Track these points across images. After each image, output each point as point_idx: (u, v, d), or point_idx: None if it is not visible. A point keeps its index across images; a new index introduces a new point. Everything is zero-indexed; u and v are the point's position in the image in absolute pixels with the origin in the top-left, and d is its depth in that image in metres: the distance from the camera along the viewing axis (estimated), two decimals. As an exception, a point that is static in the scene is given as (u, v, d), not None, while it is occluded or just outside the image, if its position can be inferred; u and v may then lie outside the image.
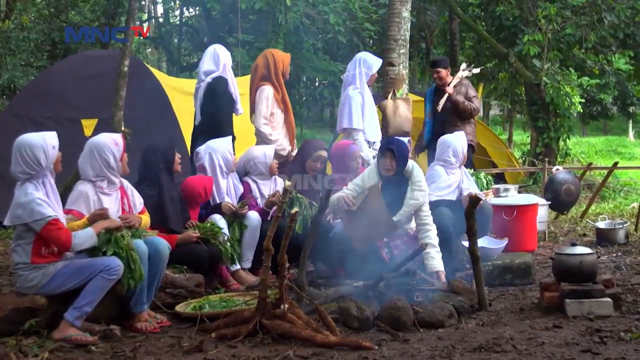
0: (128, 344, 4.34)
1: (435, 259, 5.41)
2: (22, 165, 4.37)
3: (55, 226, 4.30)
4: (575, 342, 4.15)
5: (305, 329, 4.27)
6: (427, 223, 5.60)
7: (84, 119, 9.23)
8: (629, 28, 13.51)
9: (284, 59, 6.99)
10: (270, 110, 6.75)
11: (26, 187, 4.35)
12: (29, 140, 4.44)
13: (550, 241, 7.81)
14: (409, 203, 5.64)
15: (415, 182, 5.67)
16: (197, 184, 5.76)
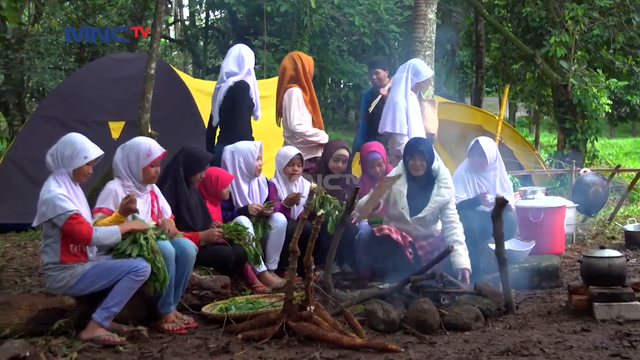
0: (155, 345, 4.37)
1: (462, 256, 5.39)
2: (53, 152, 4.54)
3: (76, 220, 4.35)
4: (604, 346, 4.10)
5: (331, 331, 4.27)
6: (454, 221, 5.60)
7: (112, 121, 9.35)
8: (658, 28, 13.38)
9: (309, 62, 7.06)
10: (301, 112, 6.80)
11: (49, 184, 4.44)
12: (74, 137, 4.60)
13: (578, 244, 7.71)
14: (435, 200, 5.66)
15: (442, 180, 5.71)
16: (212, 172, 5.78)
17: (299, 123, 6.77)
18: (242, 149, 6.14)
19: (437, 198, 5.67)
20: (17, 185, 9.06)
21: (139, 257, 4.48)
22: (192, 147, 5.74)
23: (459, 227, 5.58)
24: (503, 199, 5.01)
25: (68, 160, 4.49)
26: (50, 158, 4.53)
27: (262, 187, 6.26)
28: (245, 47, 6.94)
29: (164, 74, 9.40)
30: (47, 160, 4.53)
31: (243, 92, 6.63)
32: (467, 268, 5.36)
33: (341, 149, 6.60)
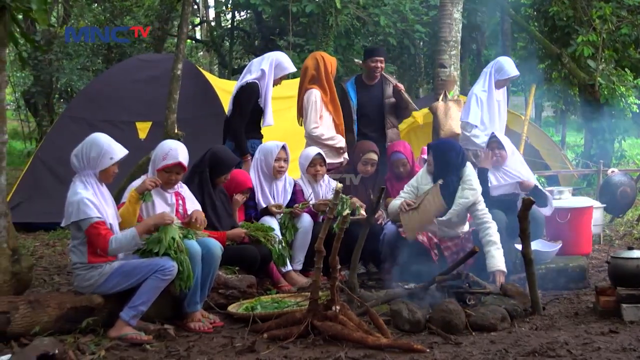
0: (182, 344, 4.40)
1: (495, 257, 5.38)
2: (78, 153, 4.58)
3: (96, 230, 4.40)
4: (632, 347, 4.08)
5: (357, 331, 4.27)
6: (486, 221, 5.60)
7: (139, 121, 9.43)
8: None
9: (332, 62, 7.05)
10: (319, 114, 6.80)
11: (76, 185, 4.50)
12: (99, 137, 4.63)
13: (606, 245, 7.67)
14: (459, 202, 5.66)
15: (466, 181, 5.70)
16: (234, 175, 5.81)
17: (315, 126, 6.77)
18: (265, 148, 6.18)
19: (461, 200, 5.66)
20: (46, 185, 9.18)
21: (166, 256, 4.51)
22: (219, 150, 5.78)
23: (492, 226, 5.56)
24: (530, 200, 4.99)
25: (94, 161, 4.54)
26: (76, 159, 4.58)
27: (287, 188, 6.26)
28: (279, 54, 6.88)
29: (190, 75, 9.47)
30: (72, 161, 4.59)
31: (248, 94, 6.57)
32: (500, 270, 5.36)
33: (370, 152, 6.56)
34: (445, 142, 6.16)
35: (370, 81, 7.25)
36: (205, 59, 27.56)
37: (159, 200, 4.96)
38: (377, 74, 7.23)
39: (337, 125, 6.93)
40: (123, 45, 15.69)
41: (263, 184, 6.15)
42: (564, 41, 13.27)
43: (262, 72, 6.58)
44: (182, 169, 5.01)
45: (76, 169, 4.58)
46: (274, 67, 6.64)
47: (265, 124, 6.65)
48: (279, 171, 6.14)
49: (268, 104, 6.60)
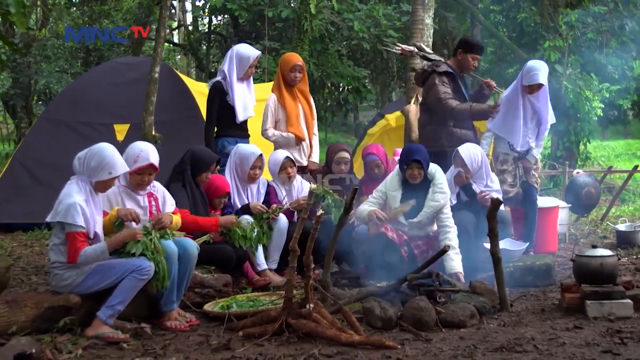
0: (158, 342, 4.42)
1: (454, 260, 5.50)
2: (82, 156, 4.59)
3: (74, 239, 4.41)
4: (595, 342, 4.15)
5: (330, 328, 4.32)
6: (448, 225, 5.70)
7: (117, 124, 9.44)
8: (650, 32, 13.48)
9: (285, 62, 7.03)
10: (274, 117, 6.89)
11: (72, 187, 4.51)
12: (104, 149, 4.62)
13: (571, 243, 7.77)
14: (430, 204, 5.76)
15: (437, 185, 5.79)
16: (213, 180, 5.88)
17: (264, 129, 6.89)
18: (242, 153, 6.21)
19: (432, 203, 5.76)
20: (24, 186, 9.17)
21: (142, 256, 4.55)
22: (197, 148, 5.88)
23: (452, 230, 5.68)
24: (498, 200, 5.09)
25: (92, 171, 4.55)
26: (77, 162, 4.59)
27: (260, 190, 6.33)
28: (237, 48, 6.93)
29: (167, 78, 9.51)
30: (74, 162, 4.60)
31: (211, 95, 6.74)
32: (459, 272, 5.47)
33: (341, 151, 6.65)
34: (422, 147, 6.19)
35: (460, 73, 7.13)
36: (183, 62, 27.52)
37: (131, 203, 4.98)
38: (470, 71, 7.18)
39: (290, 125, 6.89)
40: (101, 48, 15.66)
41: (239, 185, 6.23)
42: (531, 46, 13.50)
43: (223, 72, 6.72)
44: (154, 169, 5.01)
45: (76, 171, 4.60)
46: (238, 62, 6.73)
47: (238, 120, 6.70)
48: (253, 178, 6.22)
49: (236, 100, 6.67)
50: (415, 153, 5.84)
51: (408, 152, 5.92)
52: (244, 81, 6.81)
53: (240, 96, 6.70)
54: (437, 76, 6.94)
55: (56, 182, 4.69)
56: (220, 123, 6.70)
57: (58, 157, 8.47)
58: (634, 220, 9.27)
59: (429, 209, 5.77)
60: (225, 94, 6.67)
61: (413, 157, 5.79)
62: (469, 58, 6.98)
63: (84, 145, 4.75)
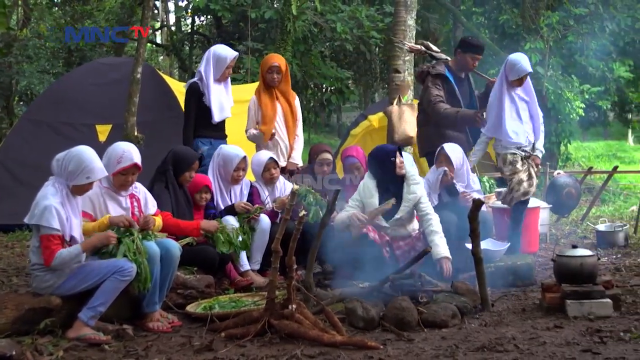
0: (140, 343, 4.41)
1: (440, 245, 5.52)
2: (60, 159, 4.55)
3: (48, 241, 4.38)
4: (575, 342, 4.18)
5: (313, 329, 4.33)
6: (428, 212, 5.76)
7: (99, 124, 9.40)
8: (629, 36, 13.61)
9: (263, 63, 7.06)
10: (255, 119, 6.93)
11: (49, 189, 4.48)
12: (83, 153, 4.58)
13: (552, 243, 7.84)
14: (408, 198, 5.81)
15: (410, 178, 5.87)
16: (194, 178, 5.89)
17: (246, 130, 6.94)
18: (226, 155, 6.20)
19: (410, 196, 5.81)
20: (5, 187, 9.11)
21: (124, 257, 4.53)
22: (179, 148, 5.90)
23: (434, 217, 5.72)
24: (480, 200, 5.13)
25: (70, 175, 4.51)
26: (56, 164, 4.56)
27: (243, 191, 6.33)
28: (214, 49, 6.93)
29: (150, 78, 9.48)
30: (52, 163, 4.56)
31: (188, 96, 6.76)
32: (445, 256, 5.49)
33: (323, 153, 6.67)
34: (381, 148, 6.17)
35: (460, 73, 7.05)
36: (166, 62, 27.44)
37: (113, 204, 4.96)
38: (471, 70, 7.07)
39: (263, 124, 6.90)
40: (83, 48, 15.59)
41: (222, 186, 6.23)
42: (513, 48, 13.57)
43: (200, 73, 6.74)
44: (137, 169, 4.99)
45: (54, 172, 4.57)
46: (215, 63, 6.74)
47: (214, 121, 6.70)
48: (237, 179, 6.22)
49: (213, 101, 6.68)
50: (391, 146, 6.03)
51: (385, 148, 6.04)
52: (221, 82, 6.81)
53: (216, 97, 6.71)
54: (430, 78, 6.95)
55: (38, 183, 4.65)
56: (196, 123, 6.70)
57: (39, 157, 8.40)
58: (614, 220, 9.37)
59: (407, 202, 5.82)
60: (202, 94, 6.69)
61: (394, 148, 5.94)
62: (468, 58, 6.95)
63: (66, 145, 4.73)
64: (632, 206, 11.22)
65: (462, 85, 7.00)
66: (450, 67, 7.01)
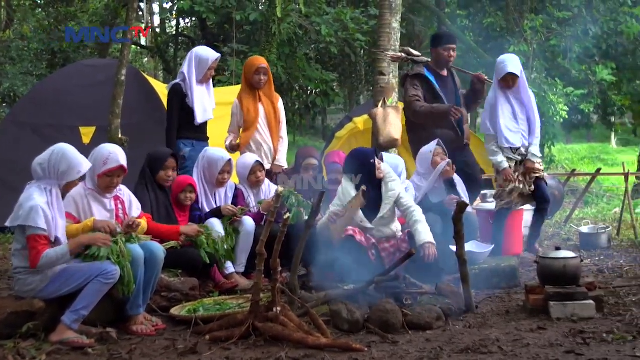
0: (124, 347, 4.39)
1: (422, 232, 5.54)
2: (44, 162, 4.52)
3: (35, 242, 4.36)
4: (559, 343, 4.21)
5: (297, 332, 4.33)
6: (410, 205, 5.81)
7: (82, 126, 9.34)
8: (611, 38, 13.72)
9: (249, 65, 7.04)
10: (237, 124, 6.95)
11: (32, 191, 4.45)
12: (67, 150, 4.58)
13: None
14: (388, 196, 5.85)
15: (387, 176, 5.91)
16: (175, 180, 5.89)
17: (228, 132, 6.94)
18: (211, 157, 6.19)
19: (390, 193, 5.85)
20: (-12, 188, 9.03)
21: (107, 260, 4.51)
22: (153, 149, 5.89)
23: (416, 209, 5.77)
24: (464, 202, 5.15)
25: (63, 174, 4.51)
26: (40, 168, 4.52)
27: (228, 194, 6.32)
28: (196, 50, 6.93)
29: (134, 80, 9.45)
30: (35, 169, 4.52)
31: (170, 97, 6.75)
32: (428, 242, 5.51)
33: (309, 158, 6.67)
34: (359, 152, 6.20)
35: (441, 71, 6.98)
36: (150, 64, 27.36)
37: (97, 206, 4.94)
38: (450, 63, 6.97)
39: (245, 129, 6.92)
40: (67, 50, 15.51)
41: (206, 188, 6.21)
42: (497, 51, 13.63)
43: (183, 74, 6.73)
44: (123, 171, 4.99)
45: (38, 177, 4.53)
46: (198, 64, 6.73)
47: (196, 122, 6.69)
48: (222, 182, 6.21)
49: (196, 102, 6.67)
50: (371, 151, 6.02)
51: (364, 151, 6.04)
52: (203, 83, 6.80)
53: (199, 98, 6.71)
54: (409, 80, 6.96)
55: (21, 185, 4.63)
56: (179, 125, 6.69)
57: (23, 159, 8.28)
58: (597, 222, 9.43)
59: (388, 199, 5.85)
60: (185, 96, 6.68)
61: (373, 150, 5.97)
62: (441, 51, 6.92)
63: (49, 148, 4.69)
64: (615, 208, 11.29)
65: (445, 83, 6.97)
66: (431, 67, 7.00)
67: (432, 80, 6.88)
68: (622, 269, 6.64)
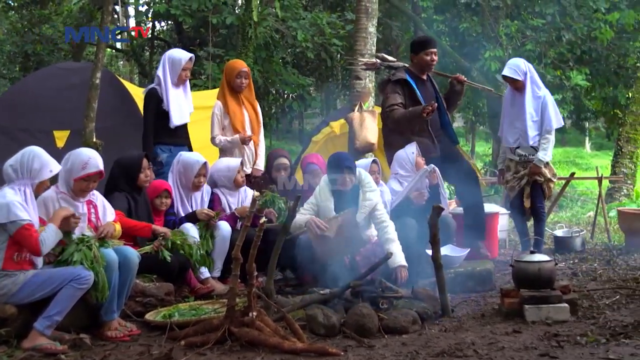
0: (98, 353, 4.36)
1: (396, 254, 5.49)
2: (15, 163, 4.50)
3: (28, 231, 4.36)
4: (533, 346, 4.23)
5: (273, 336, 4.32)
6: (384, 220, 5.78)
7: (56, 130, 9.23)
8: (585, 44, 13.87)
9: (231, 68, 7.04)
10: (220, 125, 6.90)
11: (5, 191, 4.42)
12: (37, 150, 4.59)
13: (511, 249, 7.91)
14: (364, 205, 5.82)
15: (365, 185, 5.89)
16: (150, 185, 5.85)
17: (212, 137, 6.91)
18: (187, 162, 6.18)
19: (366, 203, 5.82)
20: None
21: (81, 265, 4.48)
22: (120, 158, 5.79)
23: (390, 225, 5.74)
24: (440, 207, 5.17)
25: (36, 173, 4.51)
26: (12, 170, 4.49)
27: (204, 198, 6.30)
28: (169, 53, 6.90)
29: (109, 84, 9.36)
30: (6, 172, 4.50)
31: (146, 102, 6.72)
32: (402, 265, 5.48)
33: (279, 157, 6.68)
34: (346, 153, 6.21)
35: (422, 75, 6.95)
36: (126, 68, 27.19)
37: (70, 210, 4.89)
38: (432, 68, 6.94)
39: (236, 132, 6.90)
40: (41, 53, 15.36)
41: (182, 193, 6.18)
42: (473, 56, 13.76)
43: (158, 78, 6.69)
44: (100, 176, 5.00)
45: (10, 179, 4.49)
46: (171, 66, 6.70)
47: (172, 125, 6.64)
48: (197, 186, 6.19)
49: (171, 105, 6.63)
50: (345, 160, 5.94)
51: (338, 160, 5.94)
52: (179, 86, 6.77)
53: (175, 101, 6.68)
54: (390, 85, 6.92)
55: (-6, 189, 4.57)
56: (156, 130, 6.64)
57: (-5, 163, 8.27)
58: (571, 226, 9.55)
59: (364, 208, 5.83)
60: (161, 100, 6.64)
61: (344, 164, 5.86)
62: (423, 56, 6.86)
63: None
64: (589, 212, 11.44)
65: (424, 87, 6.95)
66: (411, 71, 6.97)
67: (413, 86, 6.87)
68: (595, 272, 6.71)
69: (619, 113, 14.48)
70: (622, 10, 13.94)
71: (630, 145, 13.27)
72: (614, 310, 5.13)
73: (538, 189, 7.05)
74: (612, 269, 6.84)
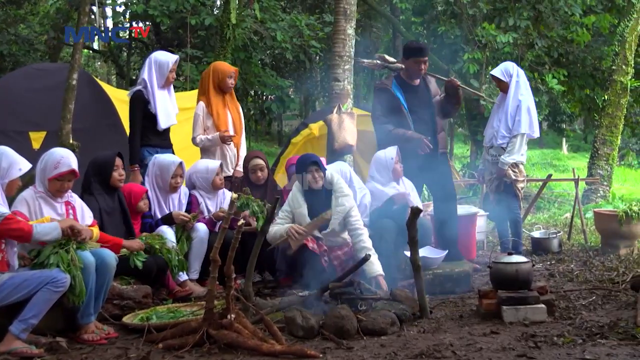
0: (75, 356, 4.33)
1: (373, 262, 5.49)
2: None
3: (12, 220, 4.35)
4: (511, 347, 4.26)
5: (252, 339, 4.31)
6: (359, 227, 5.77)
7: (32, 131, 9.16)
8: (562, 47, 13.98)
9: (222, 70, 7.02)
10: (202, 125, 6.87)
11: None
12: (5, 149, 4.59)
13: (489, 250, 7.99)
14: (337, 210, 5.82)
15: (338, 190, 5.88)
16: (125, 188, 5.81)
17: (193, 136, 6.90)
18: (162, 163, 6.16)
19: (339, 208, 5.82)
20: None
21: (57, 268, 4.43)
22: (93, 158, 5.73)
23: (364, 232, 5.74)
24: (418, 208, 5.18)
25: (4, 171, 4.50)
26: None
27: (181, 200, 6.27)
28: (155, 55, 6.86)
29: (86, 85, 9.30)
30: None
31: (133, 105, 6.66)
32: (380, 274, 5.50)
33: (254, 159, 6.66)
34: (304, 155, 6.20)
35: (412, 81, 6.80)
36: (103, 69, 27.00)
37: (48, 210, 4.87)
38: (420, 75, 6.78)
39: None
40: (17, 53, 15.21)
41: (159, 195, 6.15)
42: (451, 58, 13.82)
43: (144, 81, 6.64)
44: (74, 176, 4.96)
45: None
46: (158, 69, 6.67)
47: (160, 128, 6.62)
48: (175, 187, 6.17)
49: (159, 108, 6.60)
50: (310, 157, 5.99)
51: (303, 159, 5.99)
52: (165, 88, 6.73)
53: (162, 103, 6.64)
54: (375, 92, 6.90)
55: (-34, 192, 4.52)
56: (142, 132, 6.60)
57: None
58: (548, 227, 9.61)
59: (337, 214, 5.83)
60: (147, 102, 6.59)
61: (309, 160, 5.90)
62: (412, 63, 6.68)
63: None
64: (566, 213, 11.53)
65: (415, 93, 6.76)
66: (402, 76, 6.81)
67: (397, 95, 6.70)
68: (572, 273, 6.77)
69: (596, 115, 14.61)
70: (598, 13, 14.07)
71: (606, 147, 13.40)
72: (590, 310, 5.18)
73: (508, 191, 7.09)
74: (588, 269, 6.90)
